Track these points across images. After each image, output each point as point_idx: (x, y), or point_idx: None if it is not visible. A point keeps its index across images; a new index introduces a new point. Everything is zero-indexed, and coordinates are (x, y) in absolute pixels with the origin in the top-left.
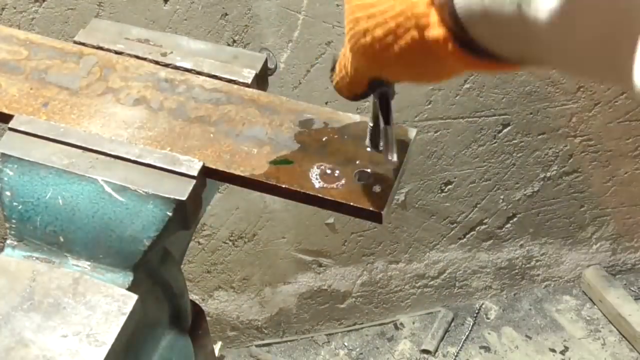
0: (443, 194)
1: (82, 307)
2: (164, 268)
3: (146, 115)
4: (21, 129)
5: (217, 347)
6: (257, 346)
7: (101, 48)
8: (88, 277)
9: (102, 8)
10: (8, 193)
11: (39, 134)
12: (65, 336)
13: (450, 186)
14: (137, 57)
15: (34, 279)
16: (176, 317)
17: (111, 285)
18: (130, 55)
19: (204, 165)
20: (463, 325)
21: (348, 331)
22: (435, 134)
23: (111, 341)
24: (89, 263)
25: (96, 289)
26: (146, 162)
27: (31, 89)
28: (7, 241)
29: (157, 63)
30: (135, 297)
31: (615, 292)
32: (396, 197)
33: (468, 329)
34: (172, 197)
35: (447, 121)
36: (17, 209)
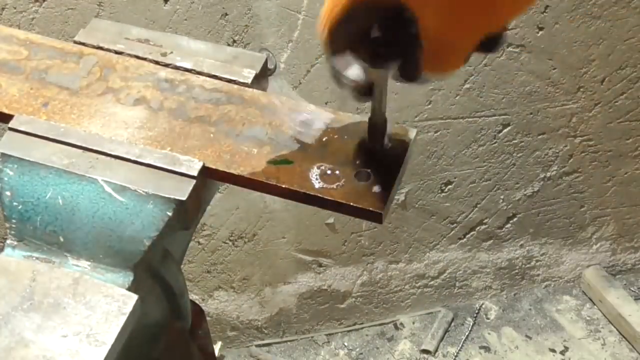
0: (443, 194)
1: (82, 307)
2: (164, 268)
3: (146, 115)
4: (21, 129)
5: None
6: (257, 346)
7: (101, 48)
8: (88, 277)
9: (102, 8)
10: (8, 193)
11: (39, 134)
12: (65, 336)
13: (450, 186)
14: (137, 57)
15: (34, 279)
16: (176, 317)
17: (111, 285)
18: (130, 55)
19: (204, 165)
20: (463, 325)
21: (348, 331)
22: (435, 134)
23: (111, 341)
24: (89, 263)
25: (96, 289)
26: (146, 162)
27: (31, 89)
28: (7, 241)
29: (157, 63)
30: (135, 297)
31: (615, 292)
32: (396, 197)
33: (468, 329)
34: (172, 197)
35: (447, 121)
36: (17, 209)
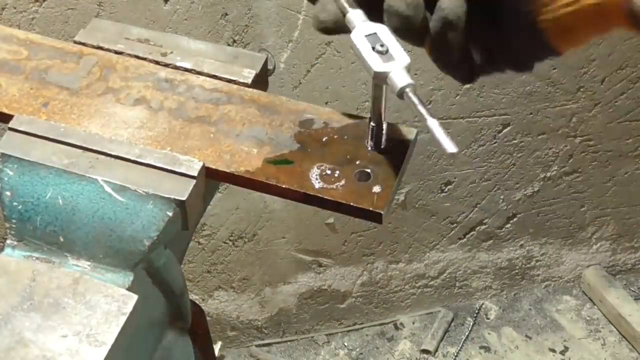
0: (443, 194)
1: (82, 307)
2: (164, 268)
3: (146, 115)
4: (21, 129)
5: (217, 347)
6: (257, 346)
7: (101, 48)
8: (88, 277)
9: (102, 8)
10: (8, 193)
11: (39, 134)
12: (65, 336)
13: (450, 186)
14: (137, 57)
15: (34, 279)
16: (176, 317)
17: (111, 285)
18: (130, 55)
19: (204, 165)
20: (463, 325)
21: (348, 331)
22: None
23: (111, 341)
24: (89, 263)
25: (96, 289)
26: (146, 162)
27: (31, 89)
28: (7, 241)
29: (157, 63)
30: (135, 297)
31: (615, 292)
32: (396, 197)
33: (468, 329)
34: (172, 197)
35: (447, 121)
36: (17, 209)
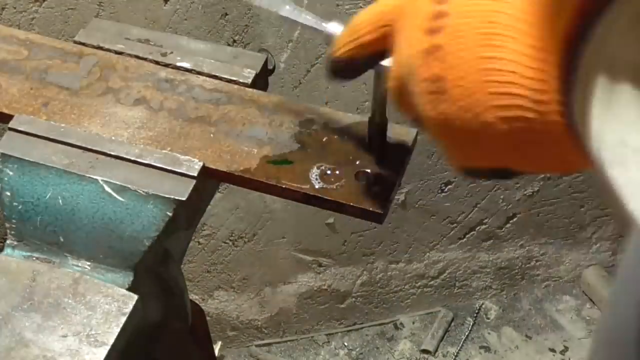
0: (443, 194)
1: (82, 307)
2: (164, 268)
3: (146, 115)
4: (21, 129)
5: (217, 347)
6: (257, 346)
7: (101, 48)
8: (88, 277)
9: (102, 8)
10: (8, 193)
11: (39, 134)
12: (65, 336)
13: (450, 186)
14: (137, 57)
15: (34, 279)
16: (176, 317)
17: (111, 285)
18: (130, 55)
19: (204, 165)
20: (463, 325)
21: (348, 331)
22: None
23: (111, 341)
24: (89, 263)
25: (96, 289)
26: (146, 162)
27: (31, 89)
28: (7, 241)
29: (157, 63)
30: (135, 297)
31: None
32: (396, 197)
33: (468, 329)
34: (172, 197)
35: None
36: (17, 209)
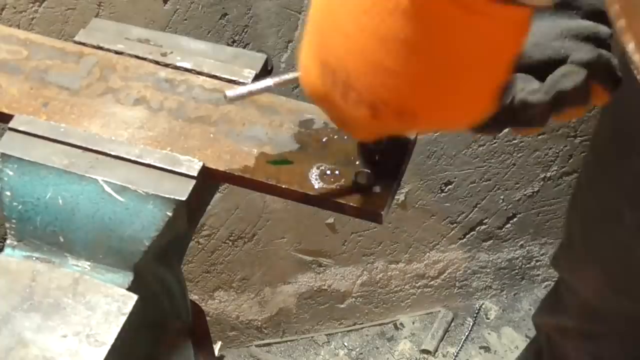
0: (443, 194)
1: (82, 307)
2: (164, 268)
3: (146, 115)
4: (21, 129)
5: (217, 347)
6: (257, 346)
7: (101, 48)
8: (88, 277)
9: (102, 8)
10: (8, 193)
11: (39, 134)
12: (65, 336)
13: (450, 186)
14: (137, 57)
15: (34, 279)
16: (176, 317)
17: (111, 285)
18: (130, 55)
19: (204, 165)
20: (463, 325)
21: (348, 331)
22: (435, 134)
23: (111, 341)
24: (89, 263)
25: (96, 289)
26: (146, 162)
27: (31, 89)
28: (7, 241)
29: (157, 63)
30: (135, 297)
31: None
32: (396, 197)
33: (468, 329)
34: (172, 197)
35: None
36: (17, 209)
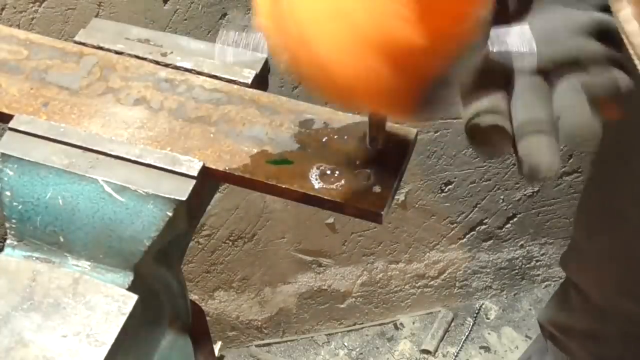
0: (443, 194)
1: (82, 307)
2: (164, 268)
3: (146, 115)
4: (21, 129)
5: (217, 347)
6: (257, 346)
7: (101, 48)
8: (88, 277)
9: (102, 8)
10: (8, 193)
11: (39, 134)
12: (65, 336)
13: (450, 186)
14: (137, 57)
15: (34, 279)
16: (176, 317)
17: (111, 285)
18: (130, 55)
19: (204, 165)
20: (463, 325)
21: (348, 331)
22: (435, 134)
23: (111, 341)
24: (89, 263)
25: (96, 289)
26: (146, 162)
27: (31, 89)
28: (7, 241)
29: (158, 63)
30: (135, 297)
31: None
32: (396, 197)
33: (468, 329)
34: (172, 197)
35: (447, 121)
36: (17, 209)
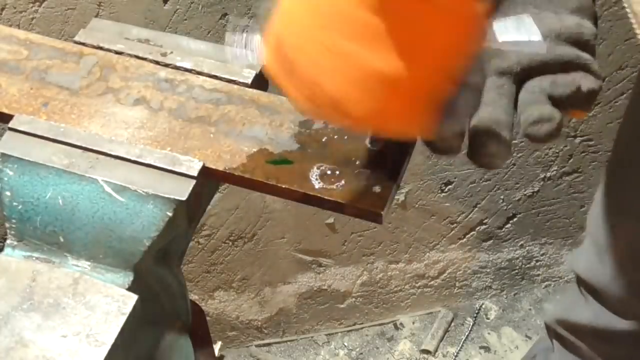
0: (443, 194)
1: (82, 307)
2: (164, 268)
3: (146, 115)
4: (21, 129)
5: (217, 347)
6: (257, 346)
7: (101, 48)
8: (88, 277)
9: (102, 8)
10: (8, 193)
11: (39, 134)
12: (65, 336)
13: (450, 186)
14: (137, 57)
15: (34, 279)
16: (176, 317)
17: (111, 285)
18: (130, 55)
19: (204, 165)
20: (463, 325)
21: (348, 331)
22: None
23: (111, 341)
24: (89, 263)
25: (96, 289)
26: (146, 162)
27: (31, 89)
28: (7, 241)
29: (157, 63)
30: (135, 297)
31: None
32: (396, 197)
33: (468, 329)
34: (172, 197)
35: None
36: (17, 209)
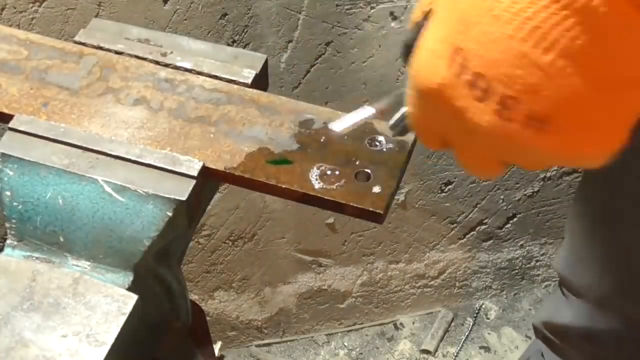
0: (443, 194)
1: (82, 307)
2: (164, 268)
3: (146, 115)
4: (21, 129)
5: (217, 347)
6: (257, 346)
7: (101, 48)
8: (88, 277)
9: (102, 8)
10: (8, 193)
11: (39, 134)
12: (65, 336)
13: (450, 186)
14: (137, 57)
15: (34, 279)
16: (176, 317)
17: (111, 285)
18: (130, 55)
19: (204, 165)
20: (463, 325)
21: (348, 331)
22: None
23: (111, 341)
24: (89, 263)
25: (96, 289)
26: (146, 162)
27: (31, 89)
28: (7, 241)
29: (157, 63)
30: (135, 297)
31: None
32: (396, 197)
33: (468, 329)
34: (172, 197)
35: None
36: (17, 209)
